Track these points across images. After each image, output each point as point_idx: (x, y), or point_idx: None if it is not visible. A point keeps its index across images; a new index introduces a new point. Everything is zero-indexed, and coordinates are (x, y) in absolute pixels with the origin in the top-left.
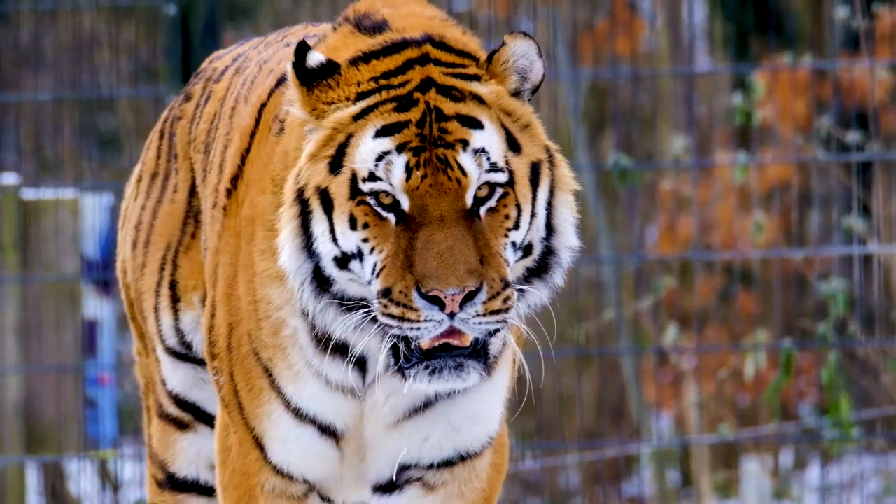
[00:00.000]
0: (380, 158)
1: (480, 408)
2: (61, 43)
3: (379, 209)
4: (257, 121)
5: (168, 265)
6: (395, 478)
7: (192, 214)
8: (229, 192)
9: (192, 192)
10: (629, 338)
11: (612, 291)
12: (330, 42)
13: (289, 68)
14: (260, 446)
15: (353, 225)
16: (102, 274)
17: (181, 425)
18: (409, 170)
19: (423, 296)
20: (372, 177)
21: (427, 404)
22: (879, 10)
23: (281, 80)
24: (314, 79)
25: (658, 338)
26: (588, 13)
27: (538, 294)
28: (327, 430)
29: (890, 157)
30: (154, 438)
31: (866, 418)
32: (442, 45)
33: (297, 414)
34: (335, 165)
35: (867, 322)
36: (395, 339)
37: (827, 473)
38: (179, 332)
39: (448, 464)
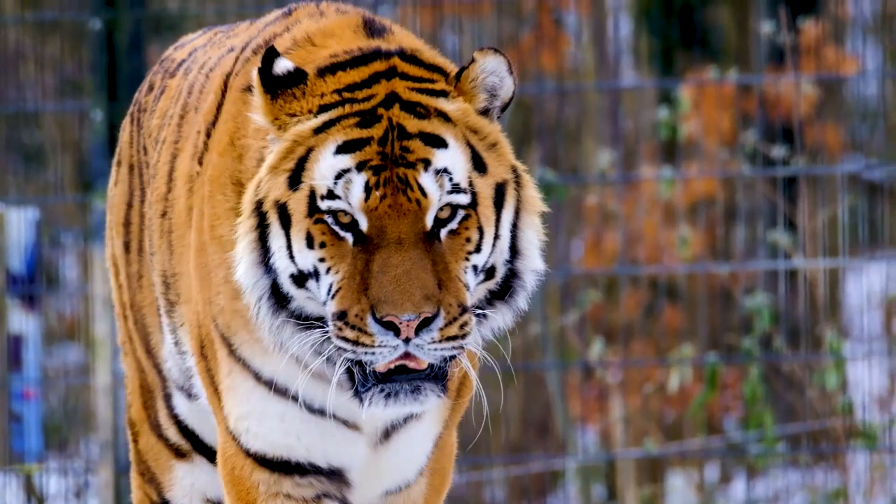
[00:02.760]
0: (339, 176)
1: (419, 446)
2: None
3: (336, 228)
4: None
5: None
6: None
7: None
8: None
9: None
10: (554, 352)
11: (537, 306)
12: (329, 27)
13: (254, 75)
14: (233, 435)
15: (310, 243)
16: (28, 288)
17: (178, 453)
18: (368, 189)
19: (378, 321)
20: (331, 195)
21: (385, 435)
22: (804, 24)
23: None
24: (280, 87)
25: (583, 352)
26: (513, 27)
27: (500, 318)
28: (320, 411)
29: (815, 172)
30: (148, 455)
31: (791, 433)
32: (412, 58)
33: (273, 388)
34: (294, 180)
35: (792, 336)
36: (350, 363)
37: (752, 488)
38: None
39: (386, 494)
